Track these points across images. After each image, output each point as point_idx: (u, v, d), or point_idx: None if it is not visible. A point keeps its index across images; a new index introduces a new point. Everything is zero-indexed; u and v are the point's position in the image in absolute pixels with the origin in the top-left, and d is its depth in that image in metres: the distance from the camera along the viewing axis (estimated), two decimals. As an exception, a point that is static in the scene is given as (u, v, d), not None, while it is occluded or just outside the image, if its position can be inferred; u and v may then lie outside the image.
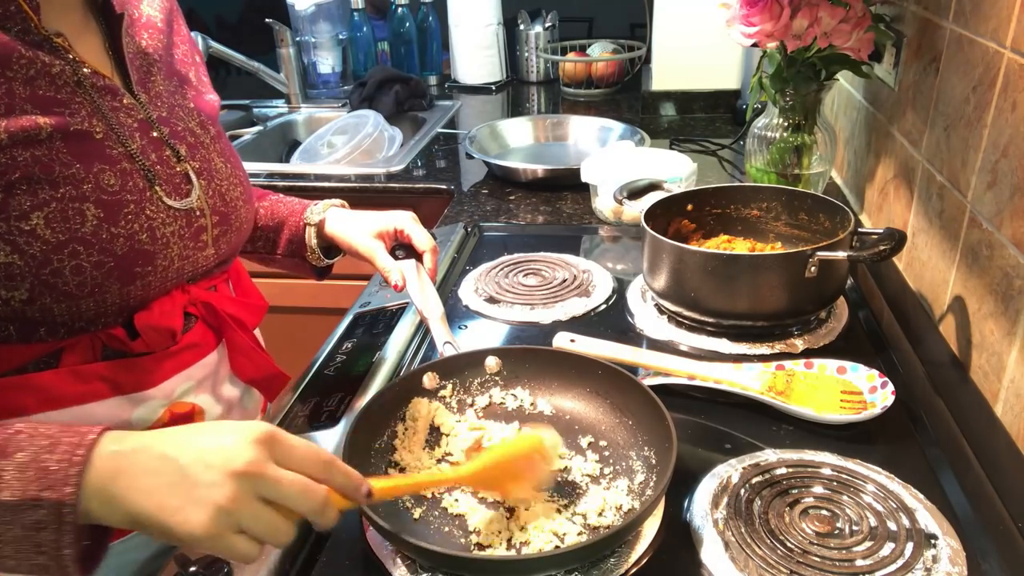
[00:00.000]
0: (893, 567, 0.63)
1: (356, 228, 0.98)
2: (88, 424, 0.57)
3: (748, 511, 0.70)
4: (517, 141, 1.89)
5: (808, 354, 0.94)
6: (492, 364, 0.87)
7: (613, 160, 1.42)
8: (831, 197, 1.06)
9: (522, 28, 2.44)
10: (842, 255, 0.91)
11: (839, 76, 1.28)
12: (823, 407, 0.82)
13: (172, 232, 0.77)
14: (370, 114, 1.97)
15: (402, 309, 1.10)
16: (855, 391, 0.84)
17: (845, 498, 0.71)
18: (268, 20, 2.24)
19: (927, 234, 1.03)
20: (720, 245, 1.09)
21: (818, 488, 0.72)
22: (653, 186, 1.15)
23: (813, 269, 0.91)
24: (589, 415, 0.83)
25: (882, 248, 0.89)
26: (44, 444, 0.55)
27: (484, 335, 1.05)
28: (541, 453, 0.70)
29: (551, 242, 1.31)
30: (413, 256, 0.97)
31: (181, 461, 0.54)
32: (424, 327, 1.04)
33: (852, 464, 0.75)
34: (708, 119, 2.03)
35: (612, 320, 1.07)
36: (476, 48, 2.41)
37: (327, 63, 2.42)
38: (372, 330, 1.06)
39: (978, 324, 0.87)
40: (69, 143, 0.70)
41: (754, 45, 1.20)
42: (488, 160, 1.67)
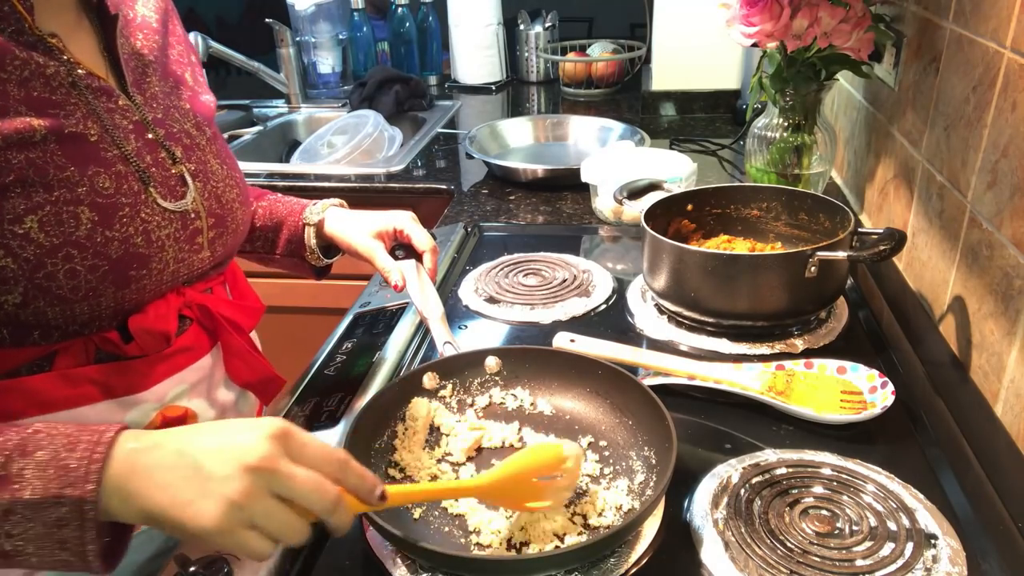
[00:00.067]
0: (893, 567, 0.63)
1: (356, 228, 0.98)
2: None
3: (748, 511, 0.70)
4: (517, 141, 1.89)
5: (808, 354, 0.94)
6: (492, 364, 0.87)
7: (613, 160, 1.42)
8: (831, 197, 1.06)
9: (522, 28, 2.44)
10: (842, 255, 0.91)
11: (839, 76, 1.28)
12: (823, 407, 0.82)
13: (167, 235, 0.76)
14: (370, 114, 1.97)
15: (402, 309, 1.10)
16: (855, 391, 0.84)
17: (845, 498, 0.71)
18: (268, 20, 2.24)
19: (927, 234, 1.03)
20: (720, 245, 1.09)
21: (818, 488, 0.72)
22: (653, 186, 1.15)
23: (813, 269, 0.91)
24: (589, 415, 0.83)
25: (882, 248, 0.89)
26: (63, 443, 0.55)
27: (484, 335, 1.05)
28: (562, 467, 0.67)
29: (551, 242, 1.31)
30: (413, 256, 0.97)
31: (196, 456, 0.55)
32: (424, 327, 1.04)
33: (852, 464, 0.75)
34: (708, 119, 2.03)
35: (612, 320, 1.07)
36: (476, 48, 2.41)
37: (327, 63, 2.42)
38: (372, 330, 1.06)
39: (978, 324, 0.87)
40: (64, 145, 0.69)
41: (754, 45, 1.20)
42: (488, 160, 1.67)
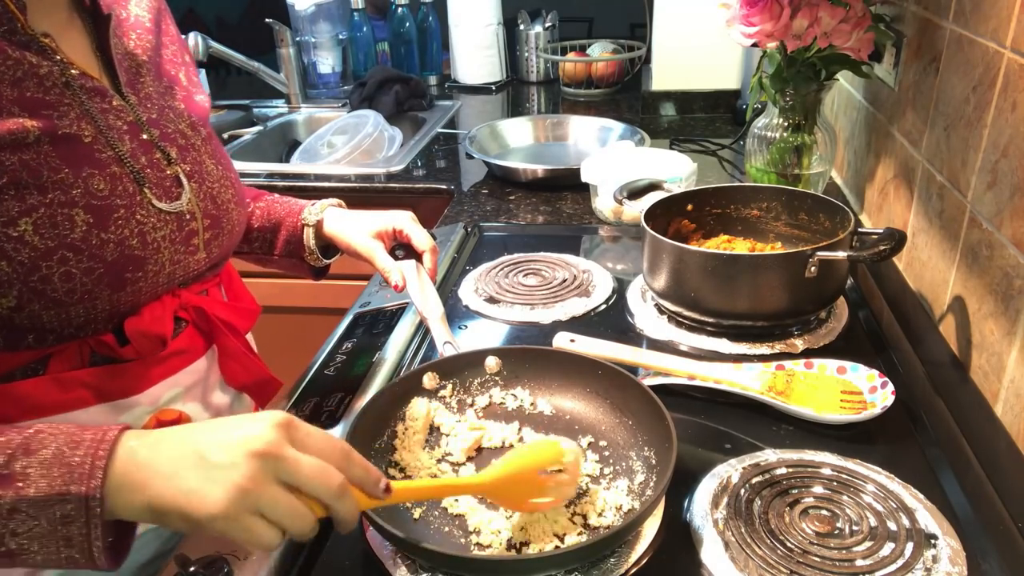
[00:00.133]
0: (893, 567, 0.63)
1: (355, 228, 0.98)
2: None
3: (748, 511, 0.70)
4: (517, 141, 1.89)
5: (808, 354, 0.94)
6: (492, 364, 0.87)
7: (613, 160, 1.42)
8: (831, 197, 1.06)
9: (522, 28, 2.44)
10: (842, 255, 0.91)
11: (839, 76, 1.28)
12: (823, 407, 0.82)
13: (163, 236, 0.75)
14: (370, 114, 1.97)
15: (402, 309, 1.10)
16: (855, 391, 0.84)
17: (845, 498, 0.71)
18: (268, 20, 2.24)
19: (927, 234, 1.03)
20: (720, 245, 1.09)
21: (818, 488, 0.72)
22: (653, 186, 1.15)
23: (813, 269, 0.91)
24: (589, 415, 0.83)
25: (882, 248, 0.89)
26: (66, 441, 0.55)
27: (484, 335, 1.05)
28: (563, 465, 0.68)
29: (551, 242, 1.31)
30: (413, 256, 0.97)
31: (200, 446, 0.55)
32: (424, 327, 1.04)
33: (852, 464, 0.75)
34: (708, 119, 2.03)
35: (612, 320, 1.07)
36: (476, 48, 2.41)
37: (327, 63, 2.42)
38: (372, 330, 1.06)
39: (978, 324, 0.87)
40: (58, 147, 0.68)
41: (754, 45, 1.20)
42: (488, 160, 1.67)
